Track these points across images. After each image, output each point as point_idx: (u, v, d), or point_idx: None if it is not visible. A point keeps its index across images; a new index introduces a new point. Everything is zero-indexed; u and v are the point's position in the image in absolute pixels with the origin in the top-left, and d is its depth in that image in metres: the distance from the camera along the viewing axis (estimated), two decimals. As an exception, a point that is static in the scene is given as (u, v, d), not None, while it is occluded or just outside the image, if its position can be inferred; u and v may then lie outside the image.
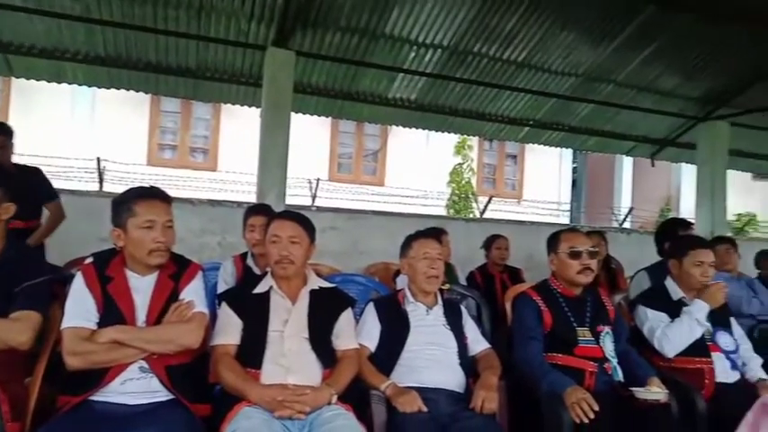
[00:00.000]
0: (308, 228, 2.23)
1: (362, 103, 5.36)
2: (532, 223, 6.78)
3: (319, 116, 5.74)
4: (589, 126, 6.28)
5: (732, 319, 2.81)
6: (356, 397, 2.12)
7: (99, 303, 1.87)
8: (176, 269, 2.03)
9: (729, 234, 6.51)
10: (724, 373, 2.56)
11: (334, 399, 1.96)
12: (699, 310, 2.59)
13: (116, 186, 5.79)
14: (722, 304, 2.71)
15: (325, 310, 2.19)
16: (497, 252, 4.73)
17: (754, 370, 2.64)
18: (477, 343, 2.50)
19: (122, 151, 7.70)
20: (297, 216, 2.26)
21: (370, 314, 2.43)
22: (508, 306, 2.92)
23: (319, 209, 5.58)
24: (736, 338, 2.71)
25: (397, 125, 5.95)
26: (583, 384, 2.28)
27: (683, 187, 11.70)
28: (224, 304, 2.16)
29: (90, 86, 5.29)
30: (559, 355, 2.40)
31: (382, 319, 2.40)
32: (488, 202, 7.05)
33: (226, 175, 7.81)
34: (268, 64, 4.58)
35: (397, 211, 6.04)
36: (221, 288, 2.80)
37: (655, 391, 2.21)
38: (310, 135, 8.36)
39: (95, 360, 1.80)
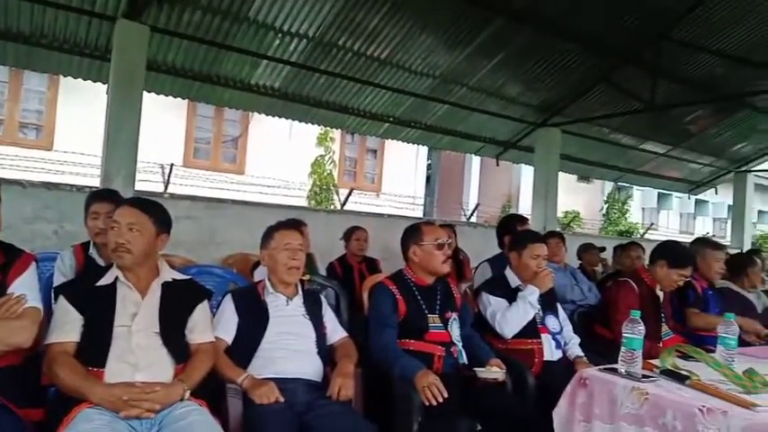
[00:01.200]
0: (155, 215, 2.07)
1: (223, 87, 5.13)
2: (390, 216, 7.05)
3: (175, 97, 5.38)
4: (444, 126, 6.65)
5: (558, 305, 3.18)
6: (211, 392, 2.07)
7: None
8: (4, 260, 1.81)
9: (558, 229, 7.34)
10: (550, 351, 2.89)
11: (187, 394, 1.89)
12: (531, 294, 2.89)
13: None
14: (550, 290, 3.06)
15: (178, 303, 2.09)
16: (356, 243, 4.86)
17: (574, 349, 2.99)
18: (336, 332, 2.55)
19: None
20: (140, 202, 2.10)
21: (228, 306, 2.38)
22: (365, 295, 3.03)
23: (173, 196, 5.24)
24: (560, 321, 3.06)
25: (260, 112, 5.80)
26: (432, 367, 2.44)
27: (522, 186, 12.91)
28: (61, 298, 1.96)
29: None
30: (412, 340, 2.55)
31: (240, 311, 2.36)
32: (349, 194, 7.17)
33: (64, 156, 7.00)
34: (118, 37, 4.20)
35: (257, 201, 5.90)
36: (58, 281, 2.54)
37: (494, 371, 2.46)
38: (164, 117, 7.83)
39: None
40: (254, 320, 2.35)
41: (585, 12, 5.21)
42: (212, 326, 2.25)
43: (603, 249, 6.05)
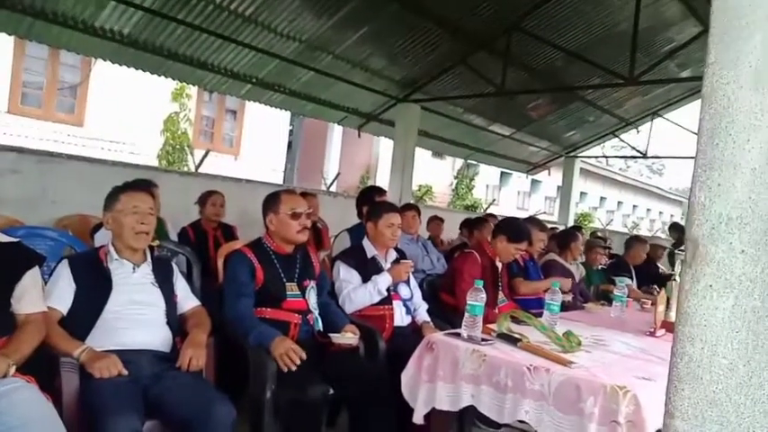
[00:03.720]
0: None
1: (61, 26, 4.51)
2: (248, 181, 6.85)
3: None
4: (308, 92, 6.55)
5: (410, 273, 3.37)
6: (42, 367, 1.88)
7: None
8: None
9: (412, 201, 7.71)
10: (401, 317, 3.06)
11: (12, 370, 1.69)
12: (383, 283, 3.01)
13: None
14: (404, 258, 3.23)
15: (3, 269, 1.86)
16: (212, 208, 4.65)
17: (422, 314, 3.21)
18: (187, 300, 2.45)
19: None
20: None
21: (64, 273, 2.16)
22: (220, 263, 2.95)
23: (-5, 146, 4.57)
24: (411, 288, 3.25)
25: (105, 59, 5.19)
26: (288, 335, 2.47)
27: (381, 158, 13.28)
28: None
29: None
30: (268, 309, 2.54)
31: (78, 279, 2.16)
32: (205, 155, 6.81)
33: None
34: None
35: (99, 158, 5.36)
36: None
37: (349, 337, 2.55)
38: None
39: None
40: (94, 289, 2.17)
41: (448, -4, 5.43)
42: (44, 294, 2.04)
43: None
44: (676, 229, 8.52)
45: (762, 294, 0.80)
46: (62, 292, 2.12)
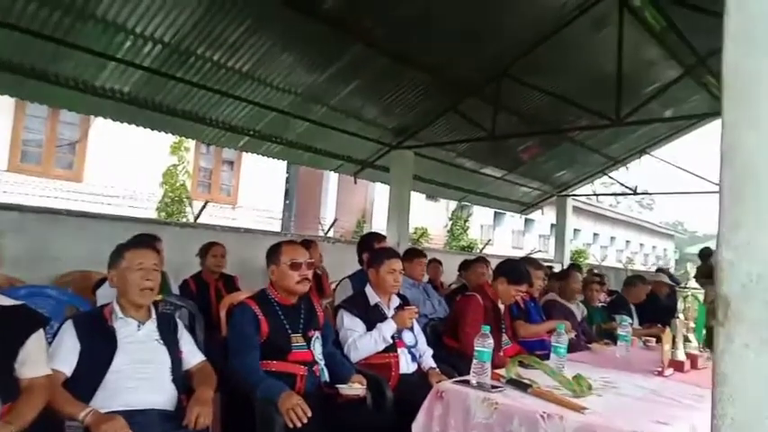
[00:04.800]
0: None
1: (62, 87, 4.61)
2: (247, 230, 6.87)
3: (2, 94, 4.73)
4: (304, 142, 6.66)
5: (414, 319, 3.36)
6: (47, 431, 1.86)
7: None
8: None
9: (410, 244, 7.73)
10: (406, 364, 3.04)
11: (15, 437, 1.68)
12: (388, 330, 3.00)
13: None
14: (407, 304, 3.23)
15: (6, 333, 1.86)
16: (213, 260, 4.66)
17: (427, 361, 3.18)
18: (192, 356, 2.44)
19: None
20: None
21: (69, 334, 2.15)
22: (223, 314, 2.94)
23: (-5, 205, 4.59)
24: (416, 335, 3.23)
25: (105, 117, 5.29)
26: (294, 387, 2.44)
27: (376, 203, 13.38)
28: None
29: None
30: (274, 361, 2.53)
31: (83, 339, 2.15)
32: (204, 206, 6.85)
33: None
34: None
35: (98, 213, 5.38)
36: None
37: (356, 387, 2.52)
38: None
39: None
40: (99, 348, 2.16)
41: (437, 47, 5.62)
42: (48, 356, 2.02)
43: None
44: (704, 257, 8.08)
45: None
46: (67, 353, 2.11)
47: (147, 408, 2.10)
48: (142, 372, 2.17)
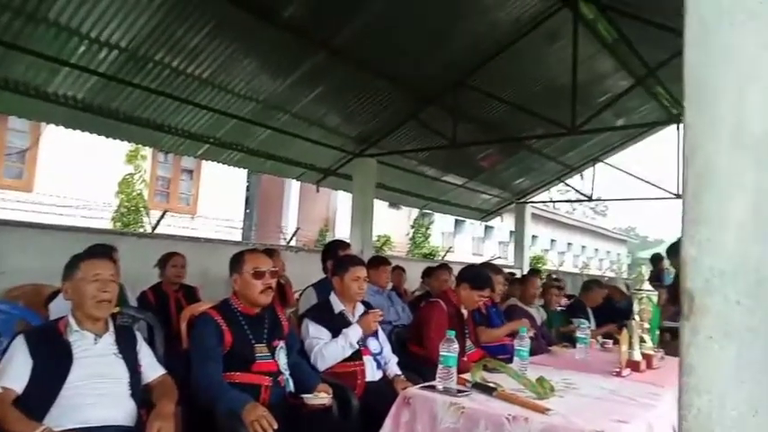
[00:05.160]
0: None
1: (11, 92, 4.43)
2: (207, 240, 6.74)
3: (-57, 100, 4.52)
4: (266, 150, 6.60)
5: (379, 326, 3.36)
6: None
7: None
8: None
9: (373, 252, 7.74)
10: (372, 372, 3.03)
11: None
12: (354, 335, 3.00)
13: None
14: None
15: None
16: (174, 270, 4.55)
17: (393, 368, 3.18)
18: (152, 369, 2.37)
19: None
20: None
21: (20, 349, 2.07)
22: (184, 326, 2.87)
23: (-64, 217, 4.37)
24: (381, 342, 3.24)
25: (58, 125, 5.10)
26: (259, 399, 2.40)
27: (339, 211, 13.35)
28: None
29: None
30: (238, 372, 2.48)
31: (36, 354, 2.07)
32: (162, 216, 6.68)
33: None
34: None
35: (51, 223, 5.18)
36: None
37: (322, 397, 2.50)
38: None
39: None
40: (53, 364, 2.07)
41: (397, 56, 5.70)
42: (-3, 375, 1.94)
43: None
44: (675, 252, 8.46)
45: (764, 344, 0.81)
46: (18, 370, 2.03)
47: (104, 424, 2.03)
48: (99, 387, 2.10)
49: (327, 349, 2.94)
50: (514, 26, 5.87)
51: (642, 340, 2.98)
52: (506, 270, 6.52)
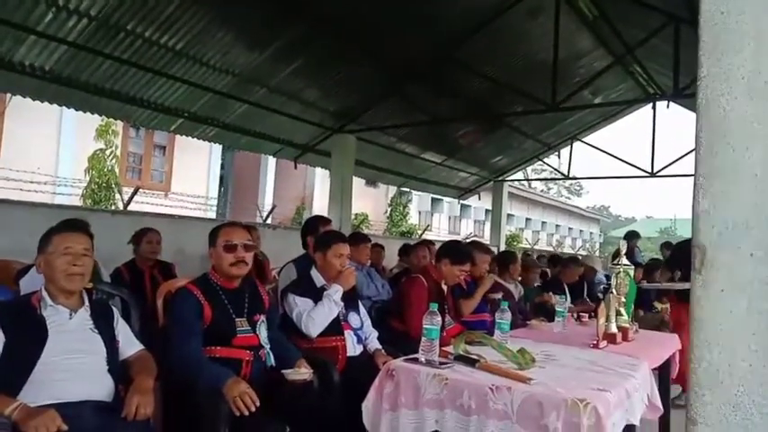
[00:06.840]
0: None
1: (-26, 63, 4.24)
2: (181, 217, 6.63)
3: None
4: (242, 125, 6.48)
5: (359, 301, 3.36)
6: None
7: None
8: None
9: (352, 230, 7.70)
10: (353, 347, 3.04)
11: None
12: (335, 292, 3.00)
13: None
14: (352, 288, 3.22)
15: None
16: (149, 246, 4.46)
17: (373, 342, 3.20)
18: (130, 344, 2.33)
19: None
20: None
21: (-9, 325, 2.00)
22: (160, 302, 2.82)
23: None
24: (361, 317, 3.25)
25: (24, 96, 4.89)
26: (240, 373, 2.39)
27: (316, 189, 13.25)
28: None
29: None
30: (218, 347, 2.46)
31: (8, 330, 2.01)
32: (134, 193, 6.53)
33: None
34: None
35: (18, 200, 5.02)
36: None
37: (302, 372, 2.49)
38: None
39: None
40: (26, 339, 2.02)
41: (379, 29, 5.60)
42: (-32, 350, 1.87)
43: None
44: (668, 247, 8.64)
45: (776, 295, 0.81)
46: (-12, 345, 1.96)
47: (81, 400, 1.99)
48: (75, 362, 2.05)
49: (315, 313, 2.94)
50: (497, 1, 5.82)
51: (618, 313, 3.03)
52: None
